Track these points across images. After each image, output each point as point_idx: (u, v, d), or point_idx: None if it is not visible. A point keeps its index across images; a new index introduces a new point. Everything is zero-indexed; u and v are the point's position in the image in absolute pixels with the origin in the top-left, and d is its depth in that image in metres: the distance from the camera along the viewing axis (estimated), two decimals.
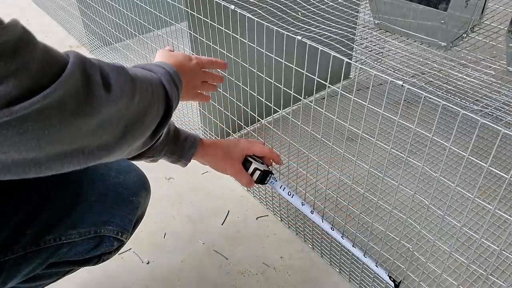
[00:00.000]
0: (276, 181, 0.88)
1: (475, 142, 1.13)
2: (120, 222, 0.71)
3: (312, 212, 0.86)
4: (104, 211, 0.69)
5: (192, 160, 0.81)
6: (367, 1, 1.09)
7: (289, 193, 0.87)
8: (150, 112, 0.50)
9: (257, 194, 1.19)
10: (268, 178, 0.87)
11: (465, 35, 0.98)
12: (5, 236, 0.60)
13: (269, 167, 0.88)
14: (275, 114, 1.30)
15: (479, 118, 0.52)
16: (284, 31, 0.76)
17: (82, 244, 0.68)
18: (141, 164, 0.77)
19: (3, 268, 0.60)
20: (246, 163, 0.84)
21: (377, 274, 0.82)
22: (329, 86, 0.74)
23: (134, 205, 0.73)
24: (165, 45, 1.24)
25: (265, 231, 1.10)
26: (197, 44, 1.09)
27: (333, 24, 0.94)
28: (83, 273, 0.97)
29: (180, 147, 0.77)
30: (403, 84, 0.60)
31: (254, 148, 0.84)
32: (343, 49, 0.76)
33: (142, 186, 0.75)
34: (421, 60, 1.00)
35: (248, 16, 0.82)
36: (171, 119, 0.65)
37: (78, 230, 0.67)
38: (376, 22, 1.06)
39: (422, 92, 0.59)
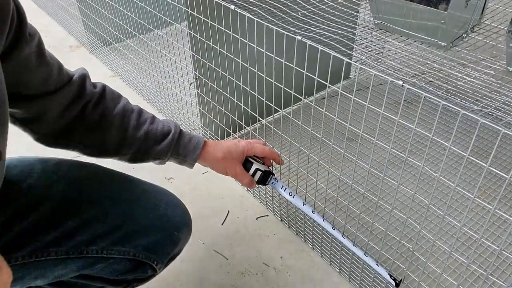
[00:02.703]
0: (277, 181, 0.88)
1: (475, 142, 1.13)
2: (159, 252, 0.73)
3: (313, 212, 0.86)
4: (147, 237, 0.71)
5: None
6: (367, 1, 1.09)
7: (290, 194, 0.87)
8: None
9: (257, 194, 1.19)
10: (269, 178, 0.87)
11: (465, 35, 0.98)
12: (56, 237, 0.64)
13: (270, 167, 0.88)
14: (276, 114, 1.30)
15: (479, 118, 0.52)
16: (284, 31, 0.76)
17: (119, 263, 0.70)
18: (140, 164, 0.77)
19: (41, 266, 0.63)
20: (247, 164, 0.84)
21: (378, 273, 0.82)
22: (329, 86, 0.74)
23: (175, 240, 0.75)
24: (165, 45, 1.25)
25: (265, 231, 1.10)
26: (197, 44, 1.09)
27: (333, 24, 0.94)
28: None
29: (184, 149, 0.78)
30: (403, 84, 0.60)
31: (255, 149, 0.84)
32: (343, 49, 0.76)
33: (185, 224, 0.78)
34: (421, 60, 1.00)
35: (248, 16, 0.82)
36: (177, 122, 0.68)
37: (120, 248, 0.69)
38: (376, 22, 1.06)
39: (422, 92, 0.59)
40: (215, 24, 0.96)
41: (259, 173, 0.84)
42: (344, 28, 0.93)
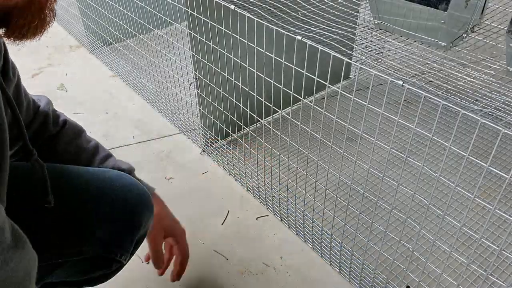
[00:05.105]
0: None
1: (475, 142, 1.13)
2: (120, 243, 0.68)
3: None
4: (104, 231, 0.66)
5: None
6: (367, 1, 1.09)
7: None
8: None
9: (257, 194, 1.19)
10: None
11: (465, 35, 0.98)
12: None
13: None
14: (275, 114, 1.30)
15: (479, 118, 0.52)
16: (284, 31, 0.76)
17: (78, 265, 0.65)
18: (140, 164, 0.77)
19: None
20: None
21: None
22: (329, 86, 0.74)
23: (135, 225, 0.70)
24: (165, 45, 1.25)
25: (265, 231, 1.10)
26: (197, 44, 1.09)
27: (333, 24, 0.94)
28: None
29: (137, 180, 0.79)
30: (403, 84, 0.60)
31: (175, 235, 0.87)
32: (343, 49, 0.76)
33: (144, 206, 0.72)
34: (421, 60, 1.00)
35: (248, 16, 0.82)
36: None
37: (75, 249, 0.64)
38: (376, 22, 1.06)
39: (422, 92, 0.59)
40: (215, 24, 0.96)
41: None
42: (344, 28, 0.93)
